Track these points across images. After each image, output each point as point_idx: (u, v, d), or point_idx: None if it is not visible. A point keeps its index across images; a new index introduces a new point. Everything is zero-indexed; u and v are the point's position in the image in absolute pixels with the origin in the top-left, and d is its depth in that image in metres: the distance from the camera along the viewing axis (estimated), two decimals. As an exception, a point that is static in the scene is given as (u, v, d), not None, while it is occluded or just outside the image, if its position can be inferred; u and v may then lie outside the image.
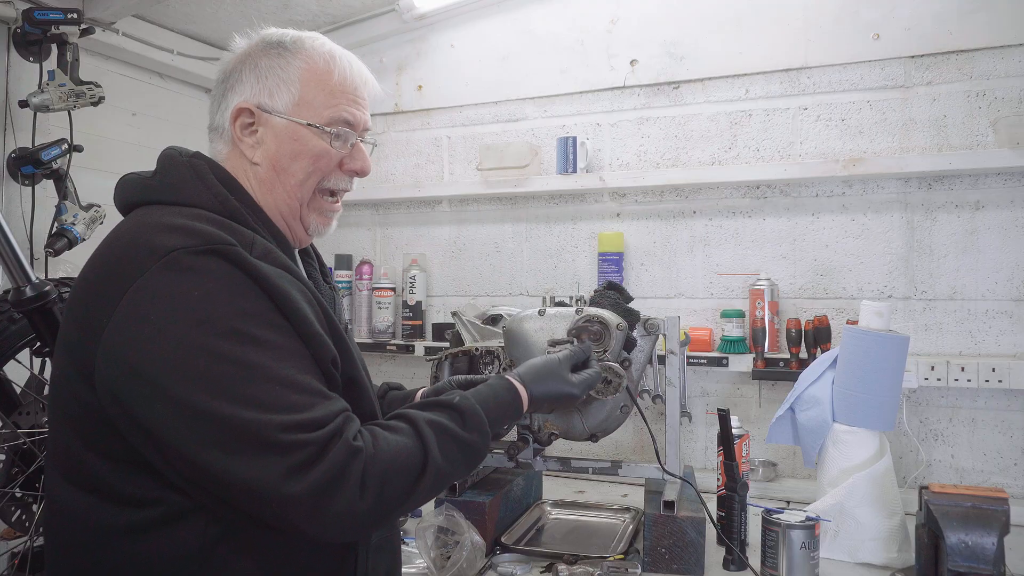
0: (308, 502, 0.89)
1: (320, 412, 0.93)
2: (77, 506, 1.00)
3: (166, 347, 0.90)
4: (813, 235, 2.32)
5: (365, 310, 2.80)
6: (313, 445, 0.90)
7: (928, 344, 2.18)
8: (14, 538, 1.78)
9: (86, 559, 1.00)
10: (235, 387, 0.90)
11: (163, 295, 0.92)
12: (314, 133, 1.12)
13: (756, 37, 2.37)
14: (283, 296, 0.97)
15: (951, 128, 2.17)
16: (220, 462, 0.89)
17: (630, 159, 2.54)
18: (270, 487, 0.88)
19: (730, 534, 1.66)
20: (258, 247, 1.01)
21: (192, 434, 0.90)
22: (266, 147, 1.12)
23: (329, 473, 0.89)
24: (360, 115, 1.17)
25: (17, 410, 1.72)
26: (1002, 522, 1.34)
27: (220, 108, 1.14)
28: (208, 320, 0.91)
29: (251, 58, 1.14)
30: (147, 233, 0.97)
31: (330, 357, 1.01)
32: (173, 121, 2.75)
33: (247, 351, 0.91)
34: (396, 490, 0.96)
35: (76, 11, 2.13)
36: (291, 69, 1.13)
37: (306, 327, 0.99)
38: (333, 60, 1.16)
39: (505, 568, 1.60)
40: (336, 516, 0.90)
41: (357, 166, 1.18)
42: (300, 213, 1.15)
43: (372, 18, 2.80)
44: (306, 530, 0.91)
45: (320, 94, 1.13)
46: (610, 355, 1.57)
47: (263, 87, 1.12)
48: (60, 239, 2.08)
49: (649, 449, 1.77)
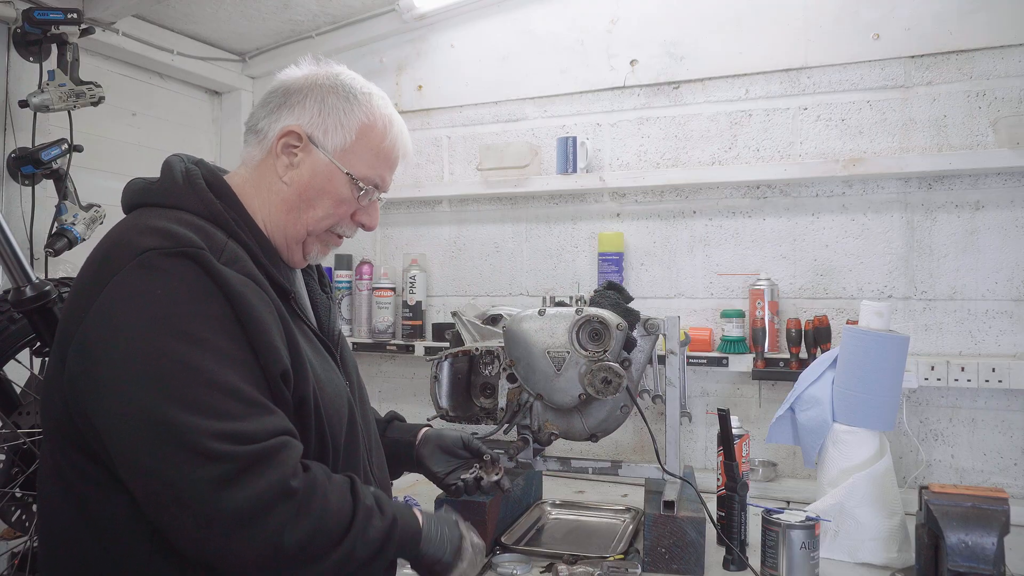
0: (232, 523, 0.90)
1: (253, 425, 0.94)
2: (61, 501, 1.03)
3: (118, 342, 0.94)
4: (813, 235, 2.32)
5: (365, 310, 2.80)
6: (240, 459, 0.91)
7: (928, 344, 2.18)
8: (14, 538, 1.79)
9: (74, 555, 1.02)
10: (173, 387, 0.92)
11: (130, 293, 0.95)
12: (347, 182, 1.17)
13: (756, 37, 2.37)
14: (242, 303, 0.99)
15: (951, 128, 2.17)
16: (148, 462, 0.91)
17: (630, 159, 2.54)
18: (195, 495, 0.89)
19: (730, 534, 1.66)
20: (228, 253, 1.03)
21: (128, 430, 0.92)
22: (299, 173, 1.16)
23: (256, 500, 0.90)
24: (389, 179, 1.25)
25: (17, 410, 1.72)
26: (1002, 522, 1.34)
27: (271, 117, 1.17)
28: (163, 319, 0.94)
29: (320, 89, 1.17)
30: (130, 233, 1.01)
31: (280, 370, 1.01)
32: (173, 121, 2.75)
33: (193, 353, 0.93)
34: (317, 545, 0.96)
35: (76, 11, 2.13)
36: (353, 118, 1.17)
37: (260, 336, 1.00)
38: (390, 126, 1.21)
39: (505, 568, 1.60)
40: (257, 551, 0.91)
41: (367, 220, 1.24)
42: (304, 240, 1.19)
43: (372, 18, 2.80)
44: (224, 557, 0.92)
45: (367, 152, 1.19)
46: (610, 355, 1.57)
47: (321, 122, 1.16)
48: (60, 239, 2.08)
49: (649, 449, 1.77)
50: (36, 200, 2.17)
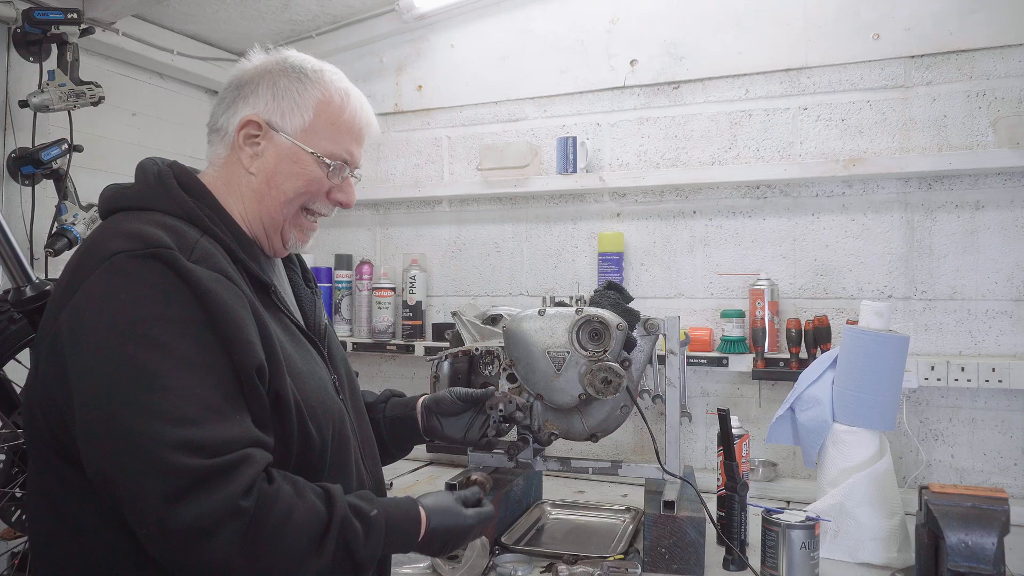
0: (181, 540, 0.89)
1: (210, 433, 0.92)
2: (42, 503, 1.04)
3: (86, 347, 0.94)
4: (813, 235, 2.32)
5: (365, 310, 2.80)
6: (193, 474, 0.89)
7: (928, 344, 2.18)
8: (14, 538, 1.79)
9: (55, 555, 1.03)
10: (132, 392, 0.91)
11: (97, 297, 0.95)
12: (314, 160, 1.16)
13: (756, 37, 2.37)
14: (213, 300, 0.98)
15: (951, 128, 2.17)
16: (106, 468, 0.91)
17: (630, 159, 2.54)
18: (145, 508, 0.89)
19: (730, 534, 1.66)
20: (199, 250, 1.02)
21: (90, 434, 0.92)
22: (264, 161, 1.15)
23: (202, 522, 0.89)
24: (357, 153, 1.23)
25: (17, 410, 1.72)
26: (1002, 522, 1.34)
27: (228, 112, 1.17)
28: (127, 323, 0.93)
29: (271, 75, 1.17)
30: (104, 238, 1.01)
31: (255, 364, 1.00)
32: (173, 121, 2.75)
33: (153, 358, 0.92)
34: (277, 566, 0.94)
35: (76, 11, 2.13)
36: (307, 96, 1.16)
37: (232, 332, 0.98)
38: (347, 98, 1.20)
39: (505, 568, 1.60)
40: (207, 565, 0.90)
41: (343, 198, 1.23)
42: (281, 227, 1.19)
43: (372, 18, 2.80)
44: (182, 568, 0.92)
45: (329, 127, 1.17)
46: (610, 355, 1.57)
47: (277, 106, 1.15)
48: (60, 239, 2.08)
49: (649, 449, 1.77)
50: (36, 200, 2.17)
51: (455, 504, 1.22)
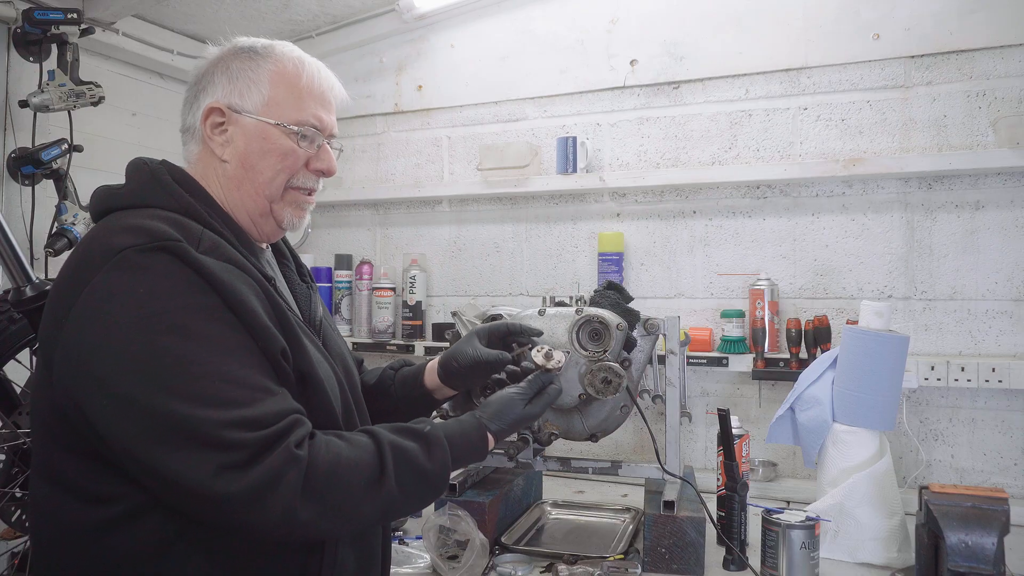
0: (242, 504, 0.90)
1: (261, 410, 0.94)
2: (50, 503, 1.03)
3: (111, 344, 0.93)
4: (813, 235, 2.32)
5: (365, 310, 2.80)
6: (252, 446, 0.91)
7: (928, 344, 2.18)
8: (14, 538, 1.79)
9: (61, 556, 1.03)
10: (175, 382, 0.91)
11: (112, 293, 0.95)
12: (282, 132, 1.15)
13: (756, 37, 2.37)
14: (228, 289, 0.98)
15: (951, 128, 2.17)
16: (156, 457, 0.91)
17: (630, 159, 2.54)
18: (201, 484, 0.89)
19: (730, 534, 1.66)
20: (206, 241, 1.03)
21: (132, 429, 0.92)
22: (235, 145, 1.15)
23: (264, 478, 0.90)
24: (327, 119, 1.21)
25: (17, 410, 1.72)
26: (1002, 522, 1.34)
27: (191, 109, 1.19)
28: (151, 316, 0.93)
29: (223, 62, 1.17)
30: (104, 235, 1.00)
31: (279, 348, 1.02)
32: (173, 121, 2.70)
33: (188, 346, 0.93)
34: (340, 503, 0.96)
35: (76, 11, 2.13)
36: (261, 71, 1.16)
37: (252, 319, 1.00)
38: (302, 64, 1.19)
39: (505, 568, 1.60)
40: (275, 522, 0.91)
41: (323, 166, 1.21)
42: (271, 209, 1.18)
43: (372, 18, 2.80)
44: (250, 530, 0.93)
45: (289, 96, 1.16)
46: (610, 355, 1.57)
47: (234, 88, 1.15)
48: (60, 239, 2.08)
49: (649, 449, 1.77)
50: (36, 200, 2.17)
51: (514, 403, 1.23)
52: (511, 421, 1.21)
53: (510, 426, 1.21)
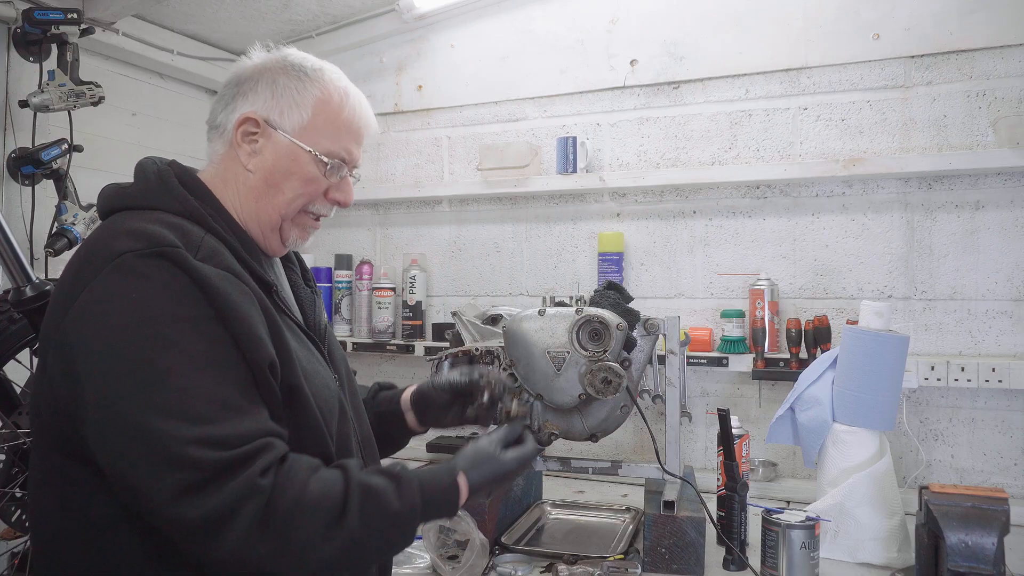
0: (197, 532, 0.90)
1: (229, 430, 0.92)
2: (50, 503, 1.03)
3: (96, 347, 0.94)
4: (813, 235, 2.32)
5: (365, 310, 2.80)
6: (212, 467, 0.90)
7: (928, 344, 2.18)
8: (14, 538, 1.79)
9: (61, 556, 1.03)
10: (148, 392, 0.91)
11: (108, 296, 0.95)
12: (312, 159, 1.16)
13: (756, 37, 2.37)
14: (221, 297, 0.98)
15: (951, 128, 2.17)
16: (119, 467, 0.92)
17: (630, 159, 2.54)
18: (160, 506, 0.90)
19: (730, 534, 1.66)
20: (205, 248, 1.03)
21: (104, 433, 0.93)
22: (263, 159, 1.15)
23: (221, 507, 0.89)
24: (356, 152, 1.22)
25: (17, 410, 1.72)
26: (1002, 522, 1.34)
27: (227, 109, 1.17)
28: (140, 323, 0.94)
29: (270, 72, 1.16)
30: (108, 237, 1.01)
31: (267, 361, 1.00)
32: (173, 121, 2.75)
33: (168, 357, 0.93)
34: (299, 542, 0.93)
35: (76, 11, 2.13)
36: (307, 94, 1.16)
37: (242, 327, 0.99)
38: (346, 97, 1.19)
39: (505, 568, 1.60)
40: (227, 554, 0.90)
41: (341, 197, 1.22)
42: (280, 226, 1.18)
43: (372, 18, 2.80)
44: (202, 558, 0.93)
45: (328, 126, 1.17)
46: (610, 355, 1.57)
47: (275, 104, 1.15)
48: (60, 239, 2.08)
49: (649, 449, 1.77)
50: (36, 200, 2.17)
51: (495, 450, 1.21)
52: (488, 472, 1.18)
53: (486, 477, 1.17)
